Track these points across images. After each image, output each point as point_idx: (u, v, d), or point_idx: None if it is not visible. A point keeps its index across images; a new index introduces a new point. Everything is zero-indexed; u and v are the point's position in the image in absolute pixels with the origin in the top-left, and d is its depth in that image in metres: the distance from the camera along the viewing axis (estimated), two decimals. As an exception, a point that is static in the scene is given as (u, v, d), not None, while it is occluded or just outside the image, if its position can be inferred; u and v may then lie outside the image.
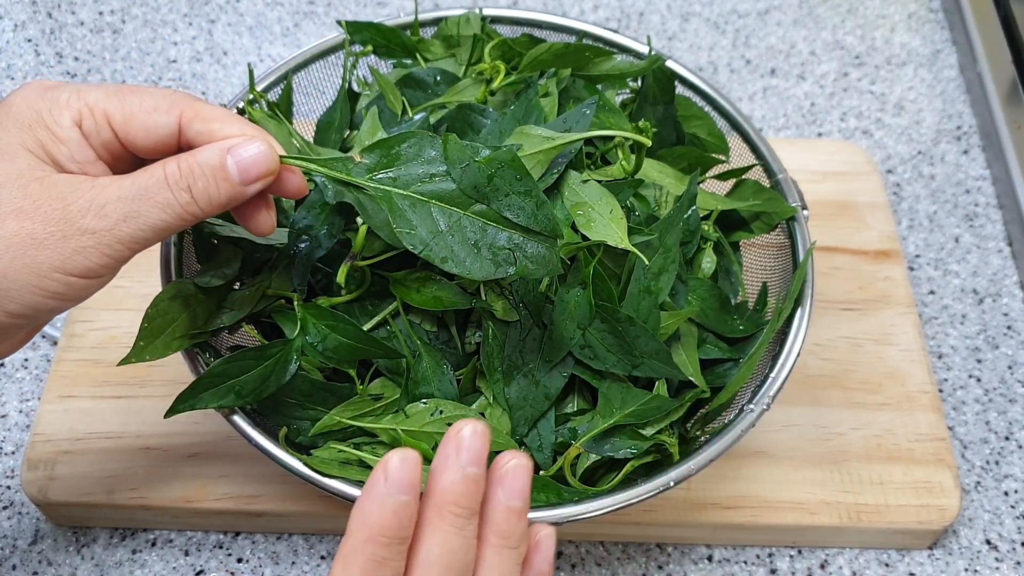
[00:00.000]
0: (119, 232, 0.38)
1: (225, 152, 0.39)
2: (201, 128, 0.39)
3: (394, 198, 0.39)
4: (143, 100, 0.39)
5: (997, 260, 0.71)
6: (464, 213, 0.39)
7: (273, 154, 0.40)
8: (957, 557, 0.58)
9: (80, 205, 0.37)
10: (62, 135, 0.38)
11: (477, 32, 0.57)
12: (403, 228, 0.38)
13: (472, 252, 0.38)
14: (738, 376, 0.49)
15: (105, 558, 0.56)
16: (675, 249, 0.47)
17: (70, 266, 0.37)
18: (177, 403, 0.44)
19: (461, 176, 0.39)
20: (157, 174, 0.38)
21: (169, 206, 0.38)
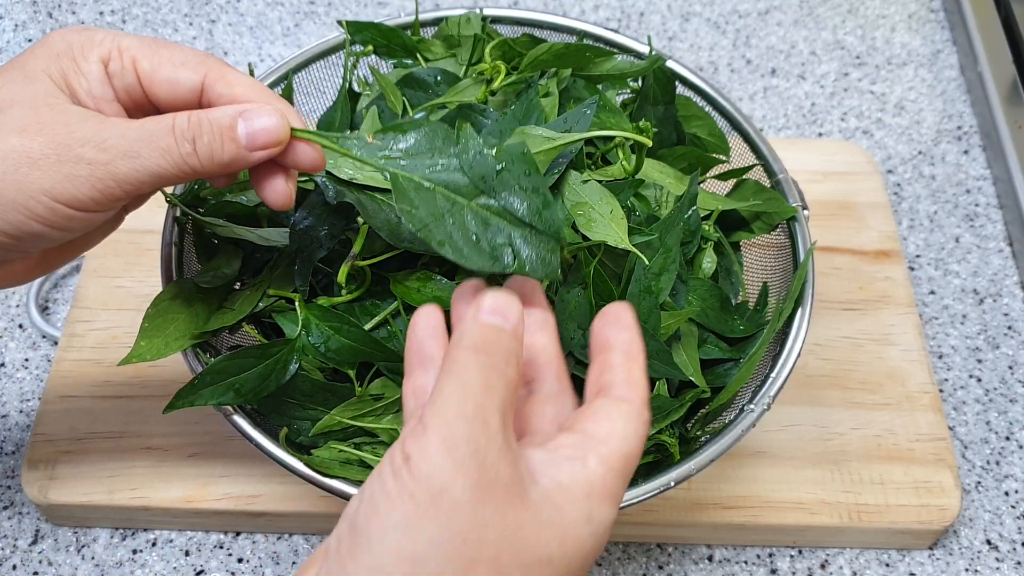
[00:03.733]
0: (114, 168, 0.37)
1: (237, 114, 0.38)
2: (223, 91, 0.39)
3: (400, 179, 0.38)
4: (173, 54, 0.40)
5: (998, 260, 0.71)
6: (468, 204, 0.38)
7: (285, 126, 0.39)
8: (958, 557, 0.58)
9: (82, 134, 0.37)
10: (85, 68, 0.39)
11: (478, 32, 0.57)
12: (404, 205, 0.38)
13: (471, 243, 0.38)
14: (738, 376, 0.49)
15: (105, 558, 0.56)
16: (675, 249, 0.47)
17: (58, 191, 0.37)
18: (176, 399, 0.44)
19: (471, 164, 0.39)
20: (165, 122, 0.38)
21: (169, 152, 0.38)
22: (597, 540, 0.33)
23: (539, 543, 0.31)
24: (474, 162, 0.39)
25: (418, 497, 0.30)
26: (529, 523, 0.31)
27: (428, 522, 0.29)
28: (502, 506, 0.30)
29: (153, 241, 0.65)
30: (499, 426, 0.31)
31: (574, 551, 0.32)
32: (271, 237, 0.49)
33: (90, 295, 0.63)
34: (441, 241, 0.37)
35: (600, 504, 0.33)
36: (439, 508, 0.29)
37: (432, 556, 0.29)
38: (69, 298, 0.66)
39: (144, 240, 0.66)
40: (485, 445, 0.31)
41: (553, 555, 0.31)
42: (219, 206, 0.51)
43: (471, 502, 0.30)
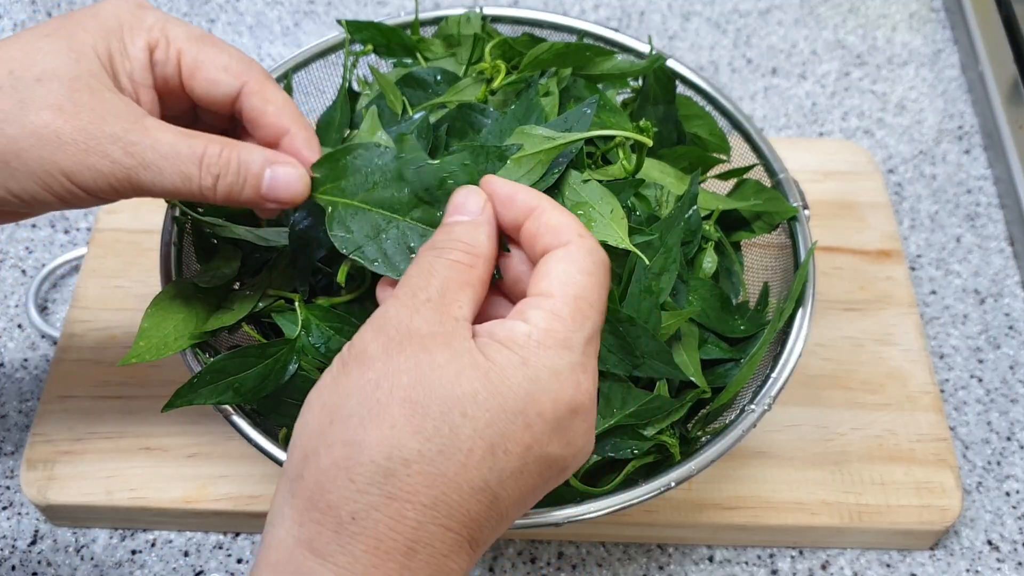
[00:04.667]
0: (134, 174, 0.38)
1: (267, 165, 0.40)
2: (257, 104, 0.41)
3: (339, 208, 0.40)
4: (218, 55, 0.41)
5: (999, 260, 0.71)
6: (404, 219, 0.40)
7: (306, 186, 0.41)
8: (959, 558, 0.58)
9: (114, 131, 0.38)
10: (131, 52, 0.39)
11: (478, 31, 0.57)
12: (339, 232, 0.40)
13: (406, 256, 0.39)
14: (739, 376, 0.49)
15: (105, 559, 0.56)
16: (676, 249, 0.47)
17: (77, 176, 0.38)
18: (175, 398, 0.44)
19: (414, 177, 0.40)
20: (196, 148, 0.39)
21: (190, 180, 0.39)
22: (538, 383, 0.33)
23: (458, 381, 0.32)
24: (418, 174, 0.40)
25: (344, 360, 0.34)
26: (446, 364, 0.32)
27: (346, 376, 0.33)
28: (416, 353, 0.32)
29: (152, 241, 0.65)
30: (429, 296, 0.34)
31: (507, 391, 0.32)
32: (270, 237, 0.49)
33: (89, 295, 0.63)
34: (374, 259, 0.39)
35: (540, 350, 0.33)
36: (356, 364, 0.33)
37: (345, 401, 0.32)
38: (68, 298, 0.66)
39: (143, 240, 0.66)
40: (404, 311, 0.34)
41: (478, 392, 0.32)
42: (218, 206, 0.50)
43: (383, 354, 0.33)
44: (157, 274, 0.49)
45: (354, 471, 0.31)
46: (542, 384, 0.33)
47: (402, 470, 0.31)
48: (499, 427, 0.32)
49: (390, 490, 0.31)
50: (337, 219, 0.40)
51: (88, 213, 0.70)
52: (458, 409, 0.32)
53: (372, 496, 0.31)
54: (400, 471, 0.31)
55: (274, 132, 0.41)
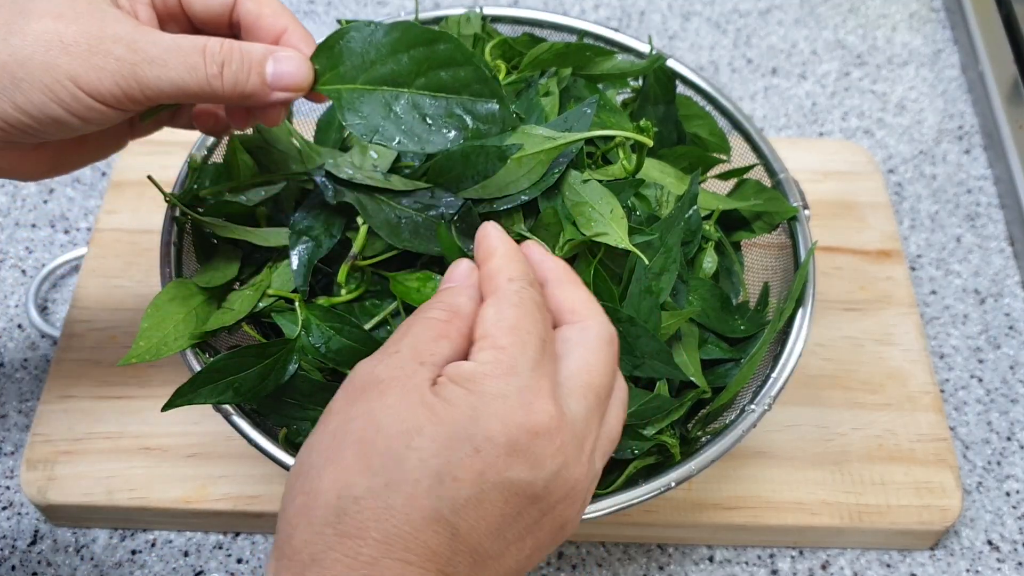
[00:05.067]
0: (140, 70, 0.38)
1: (269, 53, 0.40)
2: (252, 8, 0.42)
3: (343, 95, 0.41)
4: None
5: (999, 260, 0.71)
6: (411, 91, 0.40)
7: (310, 74, 0.41)
8: (959, 558, 0.58)
9: (116, 31, 0.38)
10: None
11: (478, 31, 0.57)
12: (353, 121, 0.40)
13: (424, 126, 0.40)
14: (739, 376, 0.49)
15: (105, 559, 0.56)
16: (676, 249, 0.47)
17: (83, 80, 0.38)
18: (175, 397, 0.44)
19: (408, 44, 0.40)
20: (198, 41, 0.39)
21: (196, 69, 0.39)
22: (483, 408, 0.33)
23: (406, 417, 0.32)
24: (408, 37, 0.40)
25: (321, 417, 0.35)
26: (397, 404, 0.33)
27: (312, 435, 0.34)
28: (370, 399, 0.33)
29: (152, 241, 0.65)
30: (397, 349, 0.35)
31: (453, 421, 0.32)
32: (270, 237, 0.49)
33: (89, 295, 0.63)
34: (394, 137, 0.40)
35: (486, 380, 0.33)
36: (321, 422, 0.34)
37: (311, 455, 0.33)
38: (68, 298, 0.66)
39: (143, 240, 0.66)
40: (369, 362, 0.35)
41: (423, 426, 0.32)
42: (218, 206, 0.50)
43: (343, 407, 0.34)
44: (157, 274, 0.49)
45: (312, 515, 0.32)
46: (488, 408, 0.33)
47: (353, 508, 0.31)
48: (446, 455, 0.32)
49: (343, 528, 0.31)
50: (347, 107, 0.40)
51: (88, 213, 0.70)
52: (403, 442, 0.32)
53: (328, 536, 0.31)
54: (351, 509, 0.31)
55: (272, 32, 0.42)
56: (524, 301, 0.36)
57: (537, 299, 0.37)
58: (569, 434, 0.34)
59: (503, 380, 0.34)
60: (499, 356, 0.34)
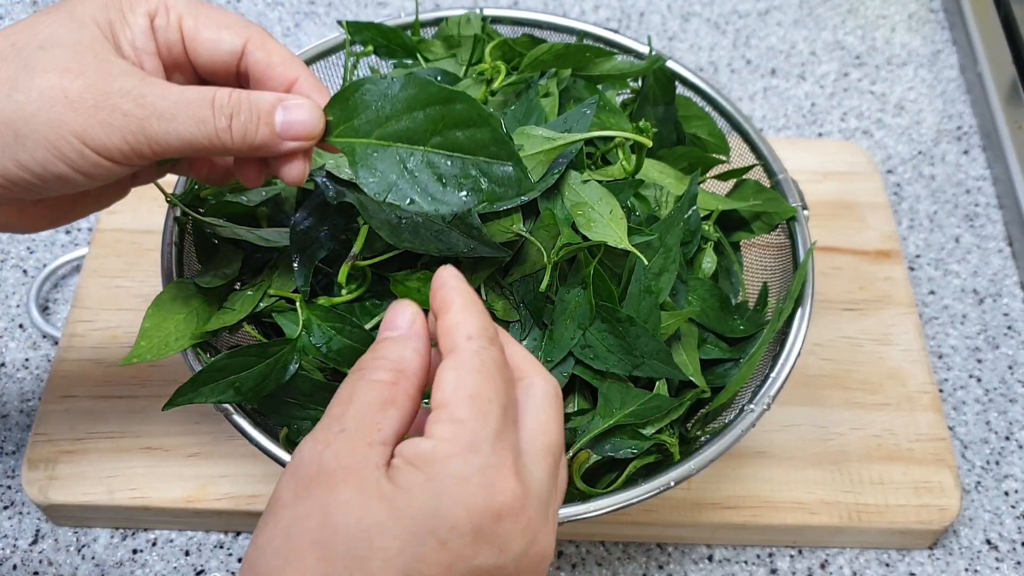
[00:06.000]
0: (148, 125, 0.37)
1: (278, 101, 0.39)
2: (261, 57, 0.40)
3: (357, 149, 0.40)
4: (219, 16, 0.41)
5: (997, 260, 0.71)
6: (426, 149, 0.39)
7: (321, 122, 0.40)
8: (957, 557, 0.58)
9: (123, 85, 0.37)
10: (131, 20, 0.39)
11: (478, 32, 0.57)
12: (366, 179, 0.39)
13: (439, 185, 0.39)
14: (739, 376, 0.49)
15: (105, 558, 0.56)
16: (676, 249, 0.47)
17: (90, 136, 0.37)
18: (176, 396, 0.44)
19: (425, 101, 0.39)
20: (206, 93, 0.38)
21: (205, 123, 0.38)
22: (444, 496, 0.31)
23: (364, 515, 0.31)
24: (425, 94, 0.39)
25: (268, 507, 0.33)
26: (353, 500, 0.31)
27: (262, 530, 0.32)
28: (324, 494, 0.31)
29: (153, 241, 0.65)
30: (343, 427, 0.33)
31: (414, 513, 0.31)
32: (271, 237, 0.49)
33: (90, 295, 0.63)
34: (408, 197, 0.39)
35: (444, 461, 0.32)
36: (270, 514, 0.32)
37: (262, 556, 0.32)
38: (69, 298, 0.66)
39: (144, 240, 0.66)
40: (316, 446, 0.33)
41: (384, 522, 0.31)
42: (219, 206, 0.51)
43: (293, 500, 0.32)
44: (158, 274, 0.49)
45: None
46: (449, 497, 0.31)
47: None
48: (411, 552, 0.30)
49: None
50: (360, 162, 0.39)
51: (89, 213, 0.70)
52: (365, 543, 0.30)
53: None
54: None
55: (283, 82, 0.41)
56: (485, 364, 0.34)
57: (498, 360, 0.34)
58: (534, 506, 0.33)
59: (463, 460, 0.32)
60: (457, 432, 0.32)
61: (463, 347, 0.34)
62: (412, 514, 0.31)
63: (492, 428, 0.33)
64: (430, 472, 0.31)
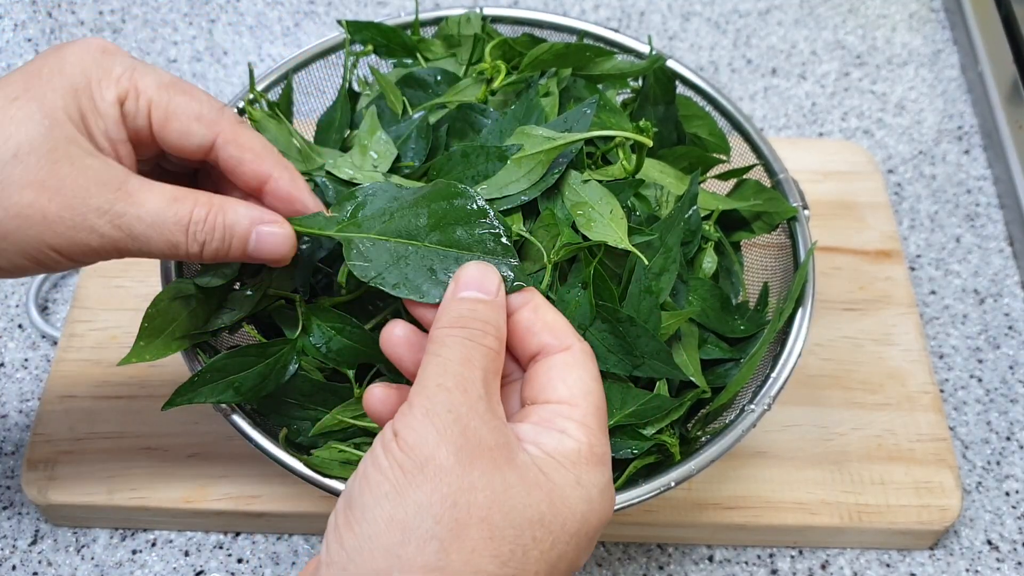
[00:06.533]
0: (123, 244, 0.38)
1: (253, 227, 0.40)
2: (233, 152, 0.40)
3: (352, 241, 0.40)
4: (189, 104, 0.40)
5: (998, 260, 0.71)
6: (423, 245, 0.40)
7: (293, 245, 0.41)
8: (958, 557, 0.58)
9: (99, 204, 0.37)
10: (103, 109, 0.39)
11: (478, 32, 0.57)
12: (356, 262, 0.40)
13: (429, 278, 0.39)
14: (739, 376, 0.49)
15: (105, 558, 0.56)
16: (676, 249, 0.47)
17: (67, 250, 0.38)
18: (176, 396, 0.44)
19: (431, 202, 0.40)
20: (181, 214, 0.39)
21: (177, 248, 0.39)
22: (591, 504, 0.33)
23: (529, 503, 0.32)
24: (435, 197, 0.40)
25: (406, 467, 0.31)
26: (517, 485, 0.32)
27: (416, 489, 0.31)
28: (489, 469, 0.31)
29: (153, 241, 0.64)
30: (480, 393, 0.33)
31: (567, 513, 0.33)
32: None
33: (90, 295, 0.63)
34: (396, 284, 0.39)
35: (589, 468, 0.34)
36: (426, 475, 0.31)
37: (422, 520, 0.30)
38: (69, 298, 0.66)
39: (144, 240, 0.65)
40: (467, 412, 0.32)
41: (544, 515, 0.32)
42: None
43: (456, 466, 0.31)
44: (157, 274, 0.49)
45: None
46: (594, 505, 0.33)
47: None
48: (559, 549, 0.32)
49: None
50: (355, 249, 0.40)
51: (88, 213, 0.70)
52: (529, 533, 0.31)
53: None
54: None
55: (255, 180, 0.41)
56: (598, 373, 0.36)
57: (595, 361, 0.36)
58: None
59: (600, 472, 0.34)
60: (592, 441, 0.34)
61: (579, 348, 0.36)
62: (566, 515, 0.32)
63: (608, 443, 0.35)
64: (579, 476, 0.33)
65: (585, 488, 0.33)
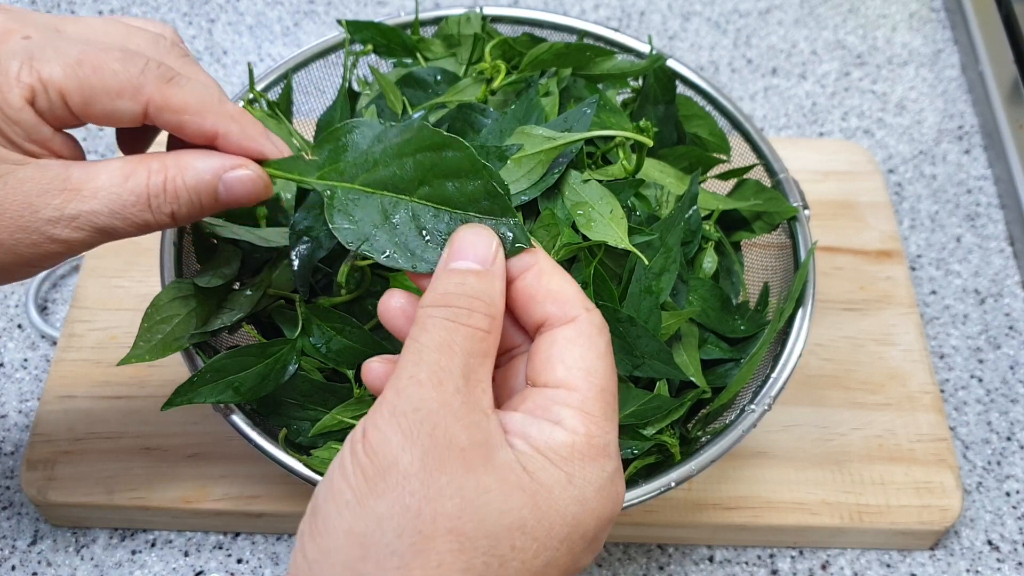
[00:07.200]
0: (92, 240, 0.36)
1: (218, 176, 0.37)
2: (170, 119, 0.36)
3: (338, 193, 0.37)
4: (105, 81, 0.35)
5: (999, 260, 0.71)
6: (412, 200, 0.36)
7: (267, 184, 0.37)
8: (959, 558, 0.58)
9: (50, 214, 0.35)
10: (15, 116, 0.35)
11: (478, 31, 0.57)
12: (340, 223, 0.36)
13: (421, 240, 0.35)
14: (739, 376, 0.49)
15: (105, 559, 0.56)
16: (676, 249, 0.47)
17: (38, 263, 0.36)
18: (175, 396, 0.44)
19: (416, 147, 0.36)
20: (138, 191, 0.35)
21: (148, 225, 0.37)
22: (585, 504, 0.30)
23: (507, 508, 0.29)
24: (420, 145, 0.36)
25: (368, 473, 0.28)
26: (494, 489, 0.29)
27: (377, 498, 0.28)
28: (459, 473, 0.28)
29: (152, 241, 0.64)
30: (458, 386, 0.30)
31: (555, 517, 0.29)
32: (270, 237, 0.49)
33: (89, 295, 0.63)
34: (383, 251, 0.35)
35: (584, 463, 0.30)
36: (388, 483, 0.28)
37: (383, 534, 0.28)
38: (68, 298, 0.66)
39: (143, 240, 0.65)
40: (437, 409, 0.29)
41: (526, 521, 0.29)
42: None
43: (422, 472, 0.28)
44: (157, 274, 0.49)
45: None
46: (589, 505, 0.30)
47: None
48: (546, 556, 0.29)
49: None
50: (338, 207, 0.36)
51: (88, 213, 0.70)
52: (507, 541, 0.28)
53: None
54: None
55: (203, 139, 0.37)
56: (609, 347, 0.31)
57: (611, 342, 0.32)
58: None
59: (600, 466, 0.30)
60: (591, 429, 0.30)
61: (586, 318, 0.32)
62: (553, 517, 0.29)
63: (616, 431, 0.31)
64: (570, 474, 0.30)
65: (578, 487, 0.30)
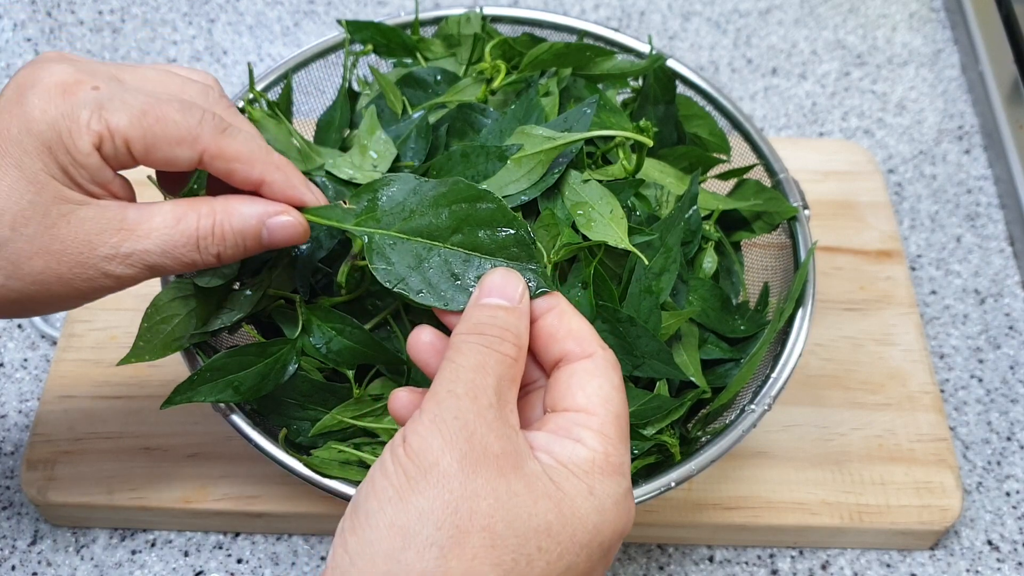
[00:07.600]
0: (142, 276, 0.40)
1: (262, 223, 0.40)
2: (221, 167, 0.40)
3: (375, 238, 0.40)
4: (167, 131, 0.39)
5: (999, 260, 0.71)
6: (444, 246, 0.39)
7: (306, 229, 0.41)
8: (959, 558, 0.58)
9: (107, 251, 0.38)
10: (82, 160, 0.38)
11: (478, 31, 0.57)
12: (380, 265, 0.39)
13: (452, 283, 0.38)
14: (739, 376, 0.49)
15: (104, 559, 0.56)
16: (676, 249, 0.47)
17: (91, 296, 0.40)
18: (175, 395, 0.44)
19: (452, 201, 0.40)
20: (188, 233, 0.39)
21: (195, 264, 0.40)
22: (604, 514, 0.33)
23: (534, 512, 0.31)
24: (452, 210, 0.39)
25: (410, 472, 0.31)
26: (523, 493, 0.32)
27: (418, 495, 0.31)
28: (493, 477, 0.31)
29: (152, 241, 0.64)
30: (491, 401, 0.33)
31: (577, 523, 0.32)
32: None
33: (89, 295, 0.63)
34: (418, 290, 0.39)
35: (603, 478, 0.33)
36: (429, 481, 0.31)
37: (423, 526, 0.30)
38: (68, 298, 0.66)
39: (143, 240, 0.65)
40: (474, 419, 0.32)
41: (552, 525, 0.32)
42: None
43: (460, 473, 0.31)
44: (157, 274, 0.49)
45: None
46: (607, 516, 0.33)
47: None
48: (567, 560, 0.32)
49: None
50: (376, 250, 0.39)
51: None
52: (534, 542, 0.31)
53: None
54: None
55: (249, 186, 0.41)
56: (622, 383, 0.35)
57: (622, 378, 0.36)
58: None
59: (616, 482, 0.33)
60: (609, 450, 0.34)
61: (602, 355, 0.36)
62: (575, 524, 0.32)
63: (628, 453, 0.35)
64: (591, 486, 0.33)
65: (598, 498, 0.33)
